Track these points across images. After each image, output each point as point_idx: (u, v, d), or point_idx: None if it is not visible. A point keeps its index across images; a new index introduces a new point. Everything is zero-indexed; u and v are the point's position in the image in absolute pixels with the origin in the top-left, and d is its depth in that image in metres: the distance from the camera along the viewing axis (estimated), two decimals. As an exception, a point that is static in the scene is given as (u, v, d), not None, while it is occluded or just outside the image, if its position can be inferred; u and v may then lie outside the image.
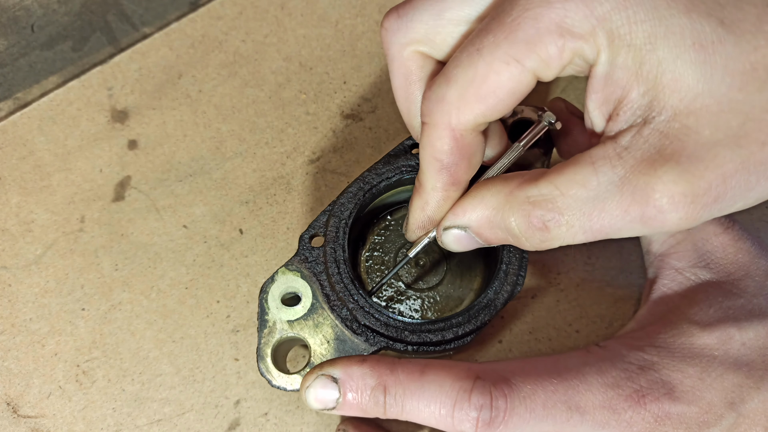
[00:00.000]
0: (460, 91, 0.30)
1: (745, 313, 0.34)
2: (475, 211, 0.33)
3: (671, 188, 0.28)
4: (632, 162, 0.28)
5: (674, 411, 0.32)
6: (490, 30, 0.29)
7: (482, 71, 0.29)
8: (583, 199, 0.29)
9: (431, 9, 0.32)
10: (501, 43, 0.29)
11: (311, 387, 0.32)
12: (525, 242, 0.31)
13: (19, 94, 0.50)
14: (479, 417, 0.31)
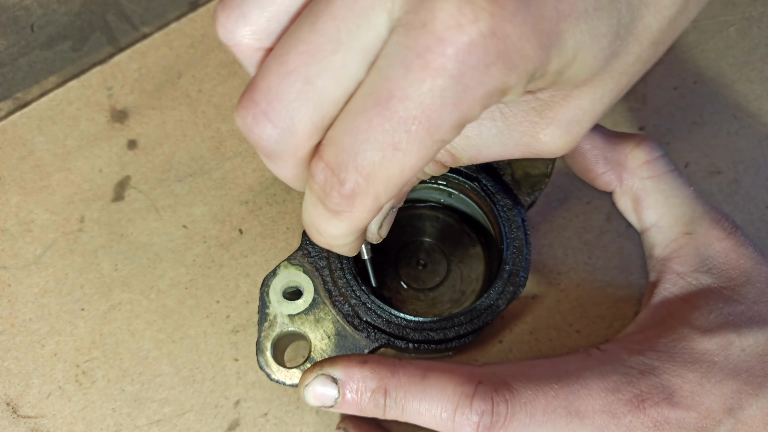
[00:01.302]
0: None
1: (745, 320, 0.34)
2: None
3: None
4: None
5: (673, 416, 0.32)
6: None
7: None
8: None
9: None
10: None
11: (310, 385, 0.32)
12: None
13: (18, 94, 0.50)
14: (480, 422, 0.31)
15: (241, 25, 0.26)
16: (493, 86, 0.23)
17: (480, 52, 0.22)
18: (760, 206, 0.46)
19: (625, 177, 0.38)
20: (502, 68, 0.22)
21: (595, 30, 0.24)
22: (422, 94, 0.22)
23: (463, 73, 0.22)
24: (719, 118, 0.48)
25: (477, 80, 0.22)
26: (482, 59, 0.22)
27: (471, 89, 0.22)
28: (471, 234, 0.43)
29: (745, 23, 0.51)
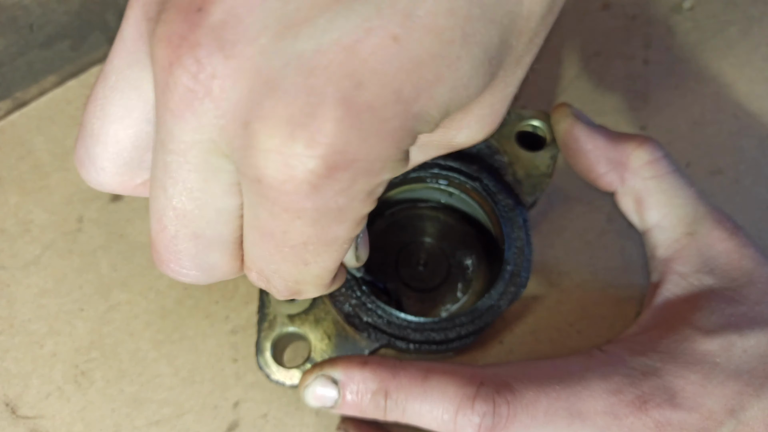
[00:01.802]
0: None
1: (747, 321, 0.34)
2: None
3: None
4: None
5: (675, 417, 0.32)
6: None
7: None
8: None
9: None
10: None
11: (310, 386, 0.32)
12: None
13: (17, 94, 0.49)
14: (481, 423, 0.31)
15: (102, 174, 0.26)
16: (364, 193, 0.22)
17: (332, 185, 0.20)
18: (762, 206, 0.46)
19: (628, 177, 0.38)
20: (366, 179, 0.21)
21: (468, 66, 0.21)
22: (299, 229, 0.22)
23: (326, 205, 0.21)
24: (720, 118, 0.48)
25: (345, 201, 0.21)
26: (338, 188, 0.20)
27: (343, 209, 0.22)
28: (472, 234, 0.43)
29: (746, 23, 0.51)
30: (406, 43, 0.19)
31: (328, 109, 0.19)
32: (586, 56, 0.50)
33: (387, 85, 0.19)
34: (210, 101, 0.20)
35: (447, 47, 0.20)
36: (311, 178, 0.20)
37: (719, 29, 0.51)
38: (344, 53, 0.19)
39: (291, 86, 0.19)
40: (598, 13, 0.52)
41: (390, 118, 0.20)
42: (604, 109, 0.49)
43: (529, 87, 0.50)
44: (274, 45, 0.19)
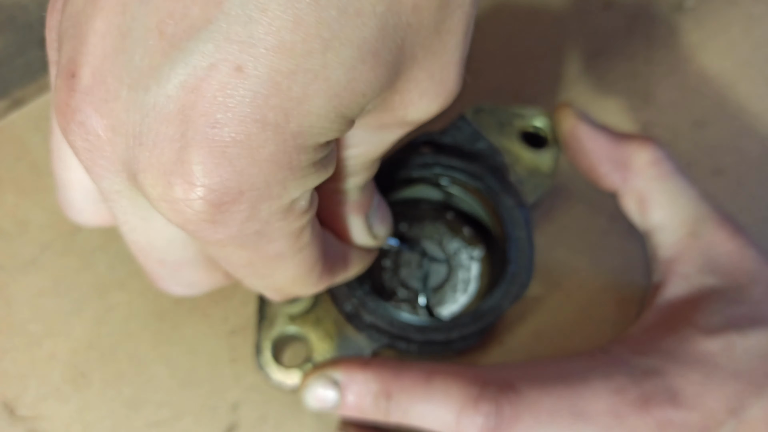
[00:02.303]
0: None
1: (748, 321, 0.35)
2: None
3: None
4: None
5: (677, 417, 0.32)
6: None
7: None
8: None
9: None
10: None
11: (311, 387, 0.32)
12: None
13: (15, 93, 0.49)
14: (485, 424, 0.31)
15: (84, 215, 0.30)
16: (278, 213, 0.22)
17: (232, 217, 0.21)
18: (764, 207, 0.45)
19: (630, 177, 0.38)
20: (268, 203, 0.21)
21: (342, 69, 0.20)
22: (234, 254, 0.23)
23: (240, 233, 0.21)
24: (722, 118, 0.48)
25: (258, 225, 0.22)
26: (240, 217, 0.21)
27: (263, 231, 0.22)
28: (474, 234, 0.43)
29: (748, 22, 0.51)
30: (252, 71, 0.19)
31: (193, 152, 0.19)
32: (588, 56, 0.50)
33: (245, 116, 0.19)
34: (103, 159, 0.21)
35: (305, 60, 0.19)
36: (204, 217, 0.20)
37: (721, 29, 0.51)
38: (192, 95, 0.19)
39: (154, 136, 0.20)
40: (599, 13, 0.52)
41: (261, 145, 0.19)
42: (605, 108, 0.49)
43: (531, 86, 0.49)
44: (132, 99, 0.20)
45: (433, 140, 0.40)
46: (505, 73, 0.50)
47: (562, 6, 0.52)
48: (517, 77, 0.50)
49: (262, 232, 0.22)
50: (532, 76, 0.50)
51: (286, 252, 0.24)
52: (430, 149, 0.40)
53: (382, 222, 0.31)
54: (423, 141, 0.40)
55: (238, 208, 0.20)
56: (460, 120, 0.41)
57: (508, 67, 0.50)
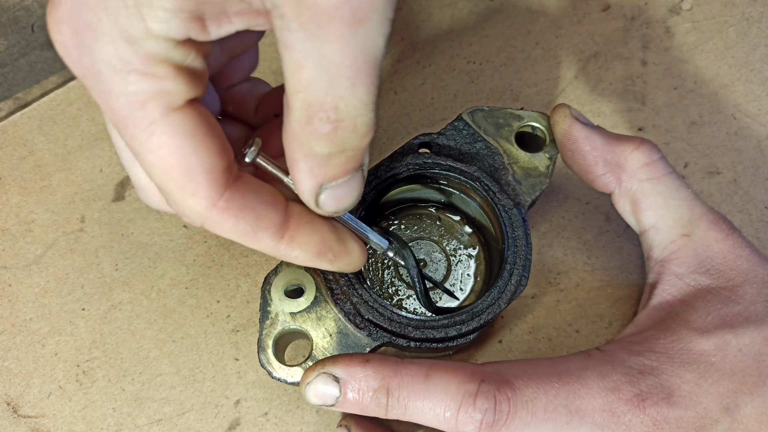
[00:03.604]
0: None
1: (742, 320, 0.35)
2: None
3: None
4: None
5: (672, 415, 0.32)
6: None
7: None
8: None
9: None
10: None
11: (312, 384, 0.32)
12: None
13: (19, 94, 0.50)
14: (483, 419, 0.31)
15: (147, 198, 0.33)
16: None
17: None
18: (759, 206, 0.46)
19: (624, 179, 0.38)
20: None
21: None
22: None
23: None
24: (718, 119, 0.48)
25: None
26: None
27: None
28: (471, 233, 0.43)
29: (744, 24, 0.52)
30: None
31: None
32: (585, 57, 0.51)
33: None
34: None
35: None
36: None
37: (717, 30, 0.51)
38: None
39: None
40: (596, 15, 0.52)
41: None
42: (602, 109, 0.49)
43: (528, 88, 0.50)
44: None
45: (432, 141, 0.41)
46: (503, 74, 0.50)
47: (559, 8, 0.52)
48: (514, 79, 0.50)
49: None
50: (530, 78, 0.50)
51: (132, 128, 0.27)
52: (429, 150, 0.41)
53: (333, 200, 0.30)
54: (421, 142, 0.41)
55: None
56: (458, 121, 0.41)
57: (505, 68, 0.51)
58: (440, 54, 0.51)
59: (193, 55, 0.28)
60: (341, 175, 0.29)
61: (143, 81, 0.27)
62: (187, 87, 0.28)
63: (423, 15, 0.53)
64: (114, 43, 0.26)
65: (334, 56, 0.24)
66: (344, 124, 0.26)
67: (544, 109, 0.48)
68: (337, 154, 0.27)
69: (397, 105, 0.49)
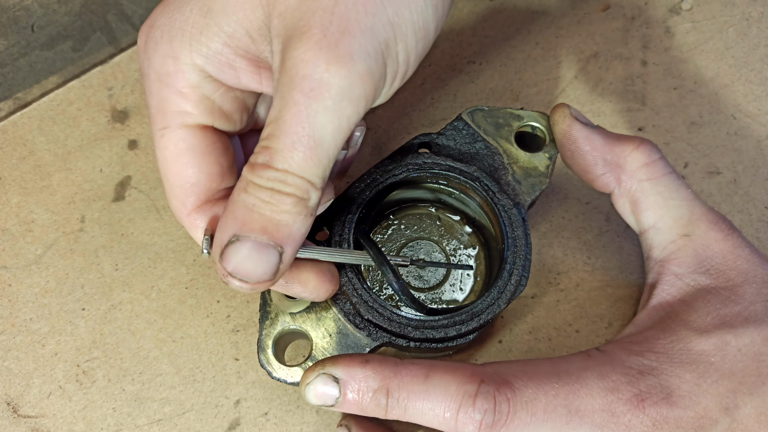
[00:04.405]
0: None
1: (741, 320, 0.35)
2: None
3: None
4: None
5: (671, 415, 0.32)
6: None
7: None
8: None
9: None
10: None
11: (311, 384, 0.32)
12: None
13: (19, 94, 0.50)
14: (482, 420, 0.31)
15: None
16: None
17: None
18: (759, 206, 0.46)
19: (624, 179, 0.38)
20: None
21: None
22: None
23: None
24: (718, 119, 0.48)
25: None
26: None
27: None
28: (471, 233, 0.43)
29: (744, 24, 0.52)
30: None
31: None
32: (585, 57, 0.51)
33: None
34: None
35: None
36: None
37: (717, 30, 0.51)
38: None
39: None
40: (596, 15, 0.52)
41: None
42: (602, 109, 0.49)
43: (528, 88, 0.50)
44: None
45: (431, 141, 0.41)
46: (503, 74, 0.50)
47: (559, 8, 0.52)
48: (514, 79, 0.50)
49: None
50: (530, 78, 0.50)
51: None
52: (428, 150, 0.41)
53: (236, 256, 0.31)
54: (421, 142, 0.41)
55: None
56: (458, 121, 0.41)
57: (505, 68, 0.51)
58: (440, 54, 0.51)
59: (221, 92, 0.34)
60: (256, 232, 0.30)
61: (171, 94, 0.33)
62: (204, 115, 0.34)
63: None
64: (164, 58, 0.33)
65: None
66: (285, 177, 0.29)
67: (544, 109, 0.48)
68: (262, 205, 0.30)
69: (397, 105, 0.49)
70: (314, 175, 0.30)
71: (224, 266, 0.30)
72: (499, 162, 0.40)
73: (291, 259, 0.31)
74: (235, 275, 0.30)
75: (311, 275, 0.34)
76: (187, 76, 0.33)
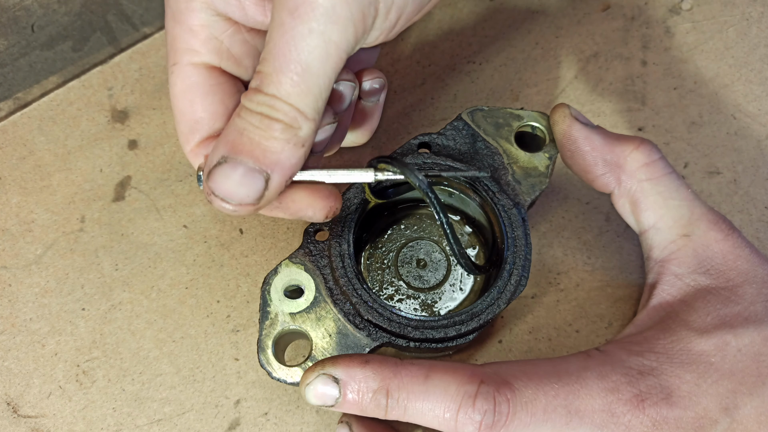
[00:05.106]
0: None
1: (741, 320, 0.35)
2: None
3: None
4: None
5: (671, 415, 0.32)
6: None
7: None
8: None
9: None
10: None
11: (311, 384, 0.32)
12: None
13: (19, 94, 0.50)
14: (482, 421, 0.31)
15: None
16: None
17: None
18: (759, 206, 0.46)
19: (624, 179, 0.38)
20: None
21: None
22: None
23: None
24: (718, 119, 0.48)
25: None
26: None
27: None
28: (471, 233, 0.43)
29: (744, 24, 0.52)
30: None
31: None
32: (585, 57, 0.51)
33: None
34: None
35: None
36: None
37: (717, 30, 0.51)
38: None
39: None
40: (596, 15, 0.52)
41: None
42: (602, 110, 0.49)
43: (528, 88, 0.50)
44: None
45: (431, 141, 0.41)
46: (503, 74, 0.50)
47: (559, 8, 0.52)
48: (514, 79, 0.50)
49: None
50: (530, 78, 0.50)
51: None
52: (428, 150, 0.41)
53: (221, 176, 0.32)
54: (421, 142, 0.41)
55: None
56: (458, 121, 0.41)
57: (505, 68, 0.51)
58: (440, 54, 0.51)
59: (230, 33, 0.35)
60: (243, 155, 0.31)
61: (182, 32, 0.35)
62: (212, 54, 0.35)
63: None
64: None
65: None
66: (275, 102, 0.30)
67: (544, 109, 0.48)
68: (252, 129, 0.30)
69: (397, 105, 0.49)
70: (304, 104, 0.30)
71: (209, 185, 0.31)
72: (499, 162, 0.40)
73: (278, 186, 0.31)
74: (218, 194, 0.31)
75: (306, 195, 0.34)
76: (197, 14, 0.34)
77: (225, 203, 0.31)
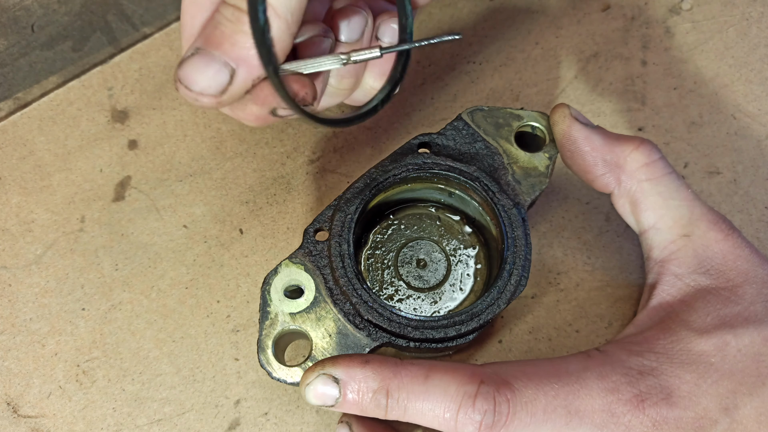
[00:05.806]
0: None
1: (741, 320, 0.35)
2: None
3: None
4: None
5: (671, 415, 0.33)
6: None
7: None
8: None
9: None
10: None
11: (311, 384, 0.32)
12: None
13: (19, 94, 0.50)
14: (482, 421, 0.31)
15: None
16: None
17: None
18: (759, 206, 0.46)
19: (624, 179, 0.38)
20: None
21: None
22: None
23: None
24: (718, 119, 0.48)
25: None
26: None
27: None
28: (471, 233, 0.43)
29: (744, 24, 0.52)
30: None
31: None
32: (585, 57, 0.51)
33: None
34: None
35: None
36: None
37: (717, 30, 0.51)
38: None
39: None
40: (596, 15, 0.52)
41: None
42: (602, 109, 0.49)
43: (528, 88, 0.50)
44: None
45: (431, 141, 0.41)
46: (503, 74, 0.50)
47: (559, 8, 0.53)
48: (514, 79, 0.50)
49: None
50: (530, 78, 0.50)
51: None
52: (428, 150, 0.41)
53: (190, 64, 0.32)
54: (421, 142, 0.41)
55: None
56: (458, 121, 0.41)
57: (505, 68, 0.51)
58: (440, 54, 0.51)
59: None
60: (212, 46, 0.31)
61: None
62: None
63: (423, 15, 0.53)
64: None
65: None
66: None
67: (544, 109, 0.48)
68: (225, 22, 0.31)
69: (397, 105, 0.49)
70: (275, 1, 0.30)
71: (177, 72, 0.32)
72: (498, 162, 0.40)
73: (244, 82, 0.31)
74: (182, 81, 0.32)
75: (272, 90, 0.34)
76: None
77: (188, 91, 0.32)
